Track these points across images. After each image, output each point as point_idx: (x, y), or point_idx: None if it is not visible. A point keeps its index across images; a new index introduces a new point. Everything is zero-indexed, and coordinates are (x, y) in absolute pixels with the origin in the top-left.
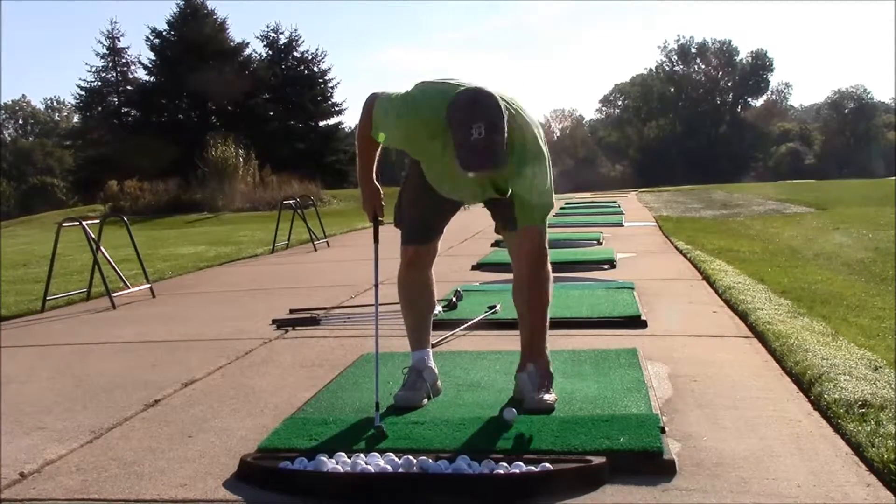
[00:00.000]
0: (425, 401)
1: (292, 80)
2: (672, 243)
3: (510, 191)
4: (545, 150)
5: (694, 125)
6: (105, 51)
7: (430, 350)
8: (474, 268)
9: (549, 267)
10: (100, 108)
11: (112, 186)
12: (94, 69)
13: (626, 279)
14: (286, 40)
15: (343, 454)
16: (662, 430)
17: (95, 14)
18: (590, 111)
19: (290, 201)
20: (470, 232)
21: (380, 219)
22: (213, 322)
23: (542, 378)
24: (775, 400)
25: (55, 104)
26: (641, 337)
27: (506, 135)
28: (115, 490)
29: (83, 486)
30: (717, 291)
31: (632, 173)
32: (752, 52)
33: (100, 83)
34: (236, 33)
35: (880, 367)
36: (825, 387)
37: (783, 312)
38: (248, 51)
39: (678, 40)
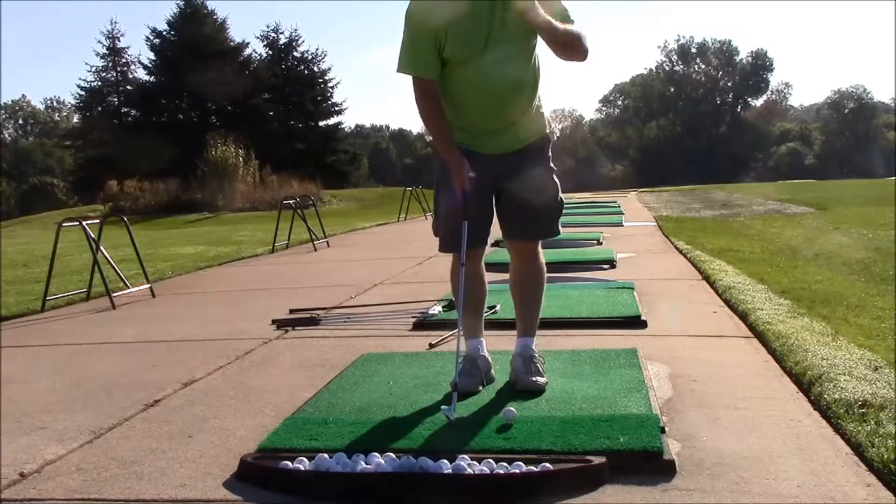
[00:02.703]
0: (480, 387)
1: (292, 80)
2: (672, 243)
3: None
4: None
5: (694, 125)
6: (105, 51)
7: (483, 339)
8: None
9: (542, 259)
10: (100, 108)
11: (112, 186)
12: (94, 69)
13: (626, 279)
14: (286, 40)
15: (343, 454)
16: (662, 430)
17: (95, 14)
18: (590, 111)
19: (290, 201)
20: None
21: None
22: (213, 322)
23: (534, 363)
24: (775, 400)
25: (55, 104)
26: (641, 337)
27: None
28: (115, 490)
29: (83, 486)
30: (717, 291)
31: (632, 173)
32: (752, 52)
33: (100, 83)
34: (236, 33)
35: (880, 367)
36: (825, 387)
37: (783, 312)
38: (248, 51)
39: (678, 40)
